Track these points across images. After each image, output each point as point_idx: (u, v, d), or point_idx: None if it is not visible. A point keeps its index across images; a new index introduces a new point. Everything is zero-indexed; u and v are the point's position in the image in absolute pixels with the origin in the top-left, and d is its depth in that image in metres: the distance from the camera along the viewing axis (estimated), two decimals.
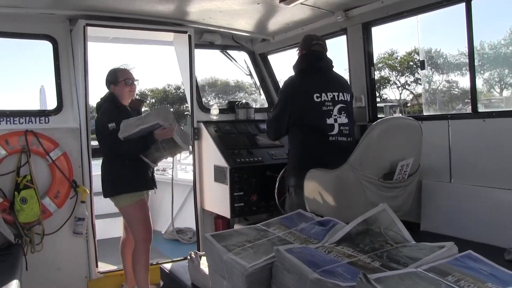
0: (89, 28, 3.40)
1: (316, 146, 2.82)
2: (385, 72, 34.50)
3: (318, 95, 2.85)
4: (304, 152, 2.86)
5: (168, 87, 46.11)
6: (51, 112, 3.57)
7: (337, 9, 3.36)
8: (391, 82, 34.50)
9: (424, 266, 1.23)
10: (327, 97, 2.86)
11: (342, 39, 3.56)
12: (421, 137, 2.59)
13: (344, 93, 2.94)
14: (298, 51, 3.09)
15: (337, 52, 3.57)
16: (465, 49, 2.87)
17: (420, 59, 29.96)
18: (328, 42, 3.17)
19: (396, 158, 2.47)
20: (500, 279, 1.15)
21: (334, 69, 3.08)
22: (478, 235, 2.51)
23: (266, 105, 4.60)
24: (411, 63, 32.91)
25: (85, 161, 3.47)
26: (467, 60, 2.79)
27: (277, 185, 3.27)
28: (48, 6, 3.32)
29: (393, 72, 34.25)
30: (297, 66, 3.03)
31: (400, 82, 34.38)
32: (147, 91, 46.96)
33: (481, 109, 2.86)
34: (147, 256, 3.23)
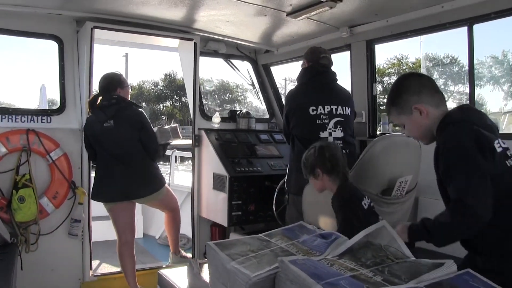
0: (95, 30, 3.42)
1: None
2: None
3: (314, 108, 2.88)
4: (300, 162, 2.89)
5: (144, 84, 43.49)
6: (54, 112, 3.57)
7: (342, 25, 3.43)
8: None
9: (425, 282, 1.26)
10: (324, 110, 2.89)
11: (346, 54, 3.63)
12: (420, 155, 2.63)
13: (345, 107, 2.97)
14: (302, 63, 3.11)
15: (340, 67, 3.63)
16: None
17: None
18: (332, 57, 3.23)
19: (395, 175, 2.51)
20: None
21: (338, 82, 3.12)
22: None
23: (267, 115, 4.64)
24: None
25: (84, 162, 3.47)
26: None
27: (275, 195, 3.29)
28: (57, 7, 3.34)
29: None
30: (300, 79, 3.07)
31: None
32: None
33: None
34: None
